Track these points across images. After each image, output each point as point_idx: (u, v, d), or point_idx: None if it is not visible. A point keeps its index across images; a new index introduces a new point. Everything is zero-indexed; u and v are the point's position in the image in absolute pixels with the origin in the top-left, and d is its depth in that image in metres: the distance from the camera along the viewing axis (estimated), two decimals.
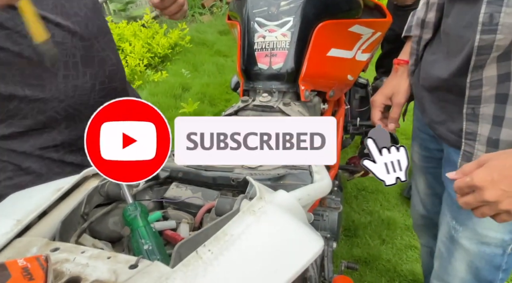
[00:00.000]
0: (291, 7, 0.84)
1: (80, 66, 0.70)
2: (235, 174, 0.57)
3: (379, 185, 1.85)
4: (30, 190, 0.47)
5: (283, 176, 0.58)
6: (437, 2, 0.66)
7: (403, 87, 0.78)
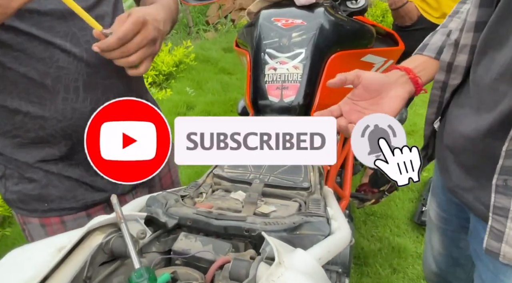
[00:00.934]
0: (303, 38, 0.81)
1: (81, 91, 0.71)
2: (248, 224, 0.53)
3: (388, 209, 1.80)
4: (30, 247, 0.44)
5: (300, 225, 0.54)
6: (470, 44, 0.57)
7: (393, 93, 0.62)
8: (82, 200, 0.78)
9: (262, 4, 0.92)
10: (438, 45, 0.65)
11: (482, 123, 0.53)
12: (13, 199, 0.78)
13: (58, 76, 0.69)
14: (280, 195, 0.66)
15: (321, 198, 0.65)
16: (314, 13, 0.85)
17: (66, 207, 0.77)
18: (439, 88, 0.65)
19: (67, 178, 0.77)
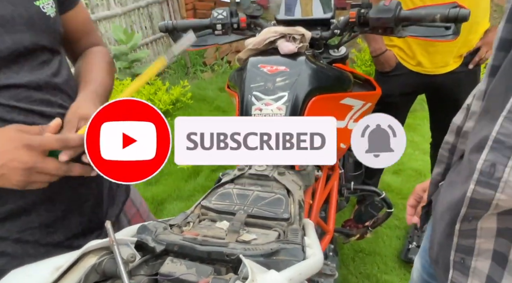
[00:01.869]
0: (286, 83, 0.90)
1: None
2: (229, 249, 0.58)
3: (376, 246, 1.83)
4: (30, 267, 0.49)
5: (276, 251, 0.59)
6: (478, 112, 0.52)
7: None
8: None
9: (251, 52, 1.02)
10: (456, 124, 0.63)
11: (455, 196, 0.52)
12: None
13: None
14: (261, 224, 0.71)
15: (299, 228, 0.71)
16: (297, 61, 0.95)
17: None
18: (447, 150, 0.63)
19: (44, 245, 0.75)
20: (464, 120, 0.59)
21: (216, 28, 1.19)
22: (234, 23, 1.19)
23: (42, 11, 0.71)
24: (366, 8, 1.06)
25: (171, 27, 1.21)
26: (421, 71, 1.58)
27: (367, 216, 1.29)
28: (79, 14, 0.85)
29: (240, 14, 1.20)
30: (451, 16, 0.95)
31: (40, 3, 0.71)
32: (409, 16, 1.01)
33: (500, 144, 0.40)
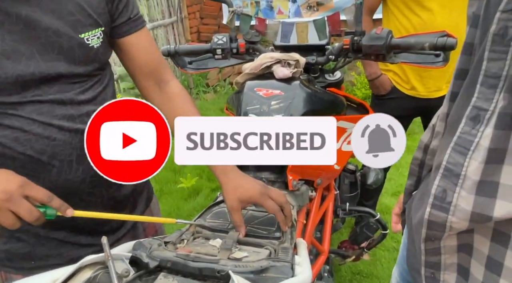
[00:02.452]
0: (281, 106, 0.94)
1: (74, 163, 0.74)
2: (220, 266, 0.60)
3: (374, 269, 1.82)
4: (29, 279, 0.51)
5: (266, 268, 0.61)
6: (442, 132, 0.59)
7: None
8: (68, 256, 0.81)
9: (248, 76, 1.06)
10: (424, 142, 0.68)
11: (423, 212, 0.54)
12: (0, 258, 0.80)
13: (54, 152, 0.72)
14: (253, 243, 0.73)
15: (290, 246, 0.73)
16: (291, 85, 0.99)
17: (52, 263, 0.79)
18: (417, 165, 0.69)
19: (53, 239, 0.80)
20: (431, 139, 0.63)
21: (216, 52, 1.24)
22: (234, 48, 1.24)
23: (85, 43, 0.72)
24: (359, 36, 1.11)
25: (173, 52, 1.27)
26: (416, 95, 1.62)
27: (363, 237, 1.30)
28: (141, 41, 0.84)
29: (239, 40, 1.26)
30: (439, 45, 0.99)
31: (86, 35, 0.72)
32: (399, 44, 1.06)
33: (449, 171, 0.44)
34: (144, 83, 0.87)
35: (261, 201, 0.75)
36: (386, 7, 1.60)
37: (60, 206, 0.64)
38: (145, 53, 0.85)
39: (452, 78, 0.56)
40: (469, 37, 0.52)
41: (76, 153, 0.74)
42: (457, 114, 0.49)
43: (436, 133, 0.61)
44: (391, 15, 1.56)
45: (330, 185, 1.25)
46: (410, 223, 0.66)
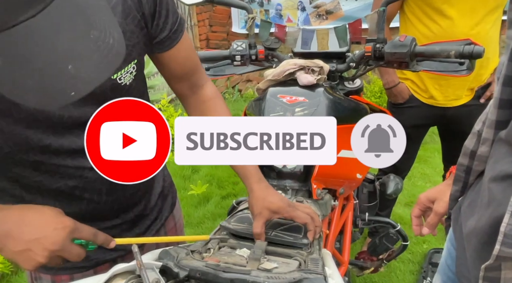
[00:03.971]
0: (305, 113, 0.93)
1: (104, 195, 0.75)
2: (252, 277, 0.58)
3: (389, 281, 1.79)
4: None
5: (299, 280, 0.59)
6: (491, 139, 0.59)
7: (447, 196, 0.74)
8: (95, 259, 0.81)
9: (270, 82, 1.05)
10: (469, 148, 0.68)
11: (478, 221, 0.56)
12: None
13: (85, 188, 0.73)
14: (281, 253, 0.71)
15: (319, 258, 0.71)
16: (315, 92, 0.97)
17: (79, 266, 0.79)
18: (463, 171, 0.68)
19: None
20: (477, 145, 0.64)
21: (235, 59, 1.23)
22: (253, 54, 1.23)
23: (117, 83, 0.68)
24: (381, 43, 1.10)
25: None
26: (434, 104, 1.60)
27: (382, 248, 1.28)
28: (181, 52, 0.79)
29: (258, 46, 1.25)
30: (466, 53, 0.98)
31: (118, 75, 0.67)
32: (423, 52, 1.05)
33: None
34: (178, 86, 0.85)
35: (290, 212, 0.74)
36: (403, 15, 1.59)
37: (104, 241, 0.64)
38: (183, 63, 0.82)
39: (499, 85, 0.54)
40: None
41: (106, 187, 0.74)
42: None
43: (484, 139, 0.61)
44: (409, 23, 1.55)
45: (350, 195, 1.23)
46: (459, 230, 0.66)
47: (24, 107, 0.60)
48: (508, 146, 0.54)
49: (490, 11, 1.44)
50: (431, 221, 0.78)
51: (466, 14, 1.44)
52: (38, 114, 0.62)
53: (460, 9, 1.44)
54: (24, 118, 0.62)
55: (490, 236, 0.53)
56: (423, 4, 1.48)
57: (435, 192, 0.79)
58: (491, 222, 0.53)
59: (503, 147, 0.56)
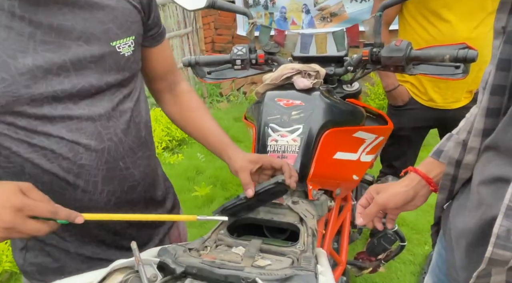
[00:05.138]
0: (301, 116, 0.95)
1: (99, 184, 0.75)
2: (245, 273, 0.61)
3: (390, 282, 1.80)
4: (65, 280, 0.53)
5: (290, 277, 0.62)
6: (478, 148, 0.61)
7: (390, 190, 0.76)
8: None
9: (268, 86, 1.08)
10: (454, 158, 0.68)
11: (468, 223, 0.58)
12: (31, 271, 0.82)
13: (80, 172, 0.72)
14: (275, 251, 0.74)
15: (312, 256, 0.73)
16: (311, 96, 1.00)
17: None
18: (449, 180, 0.69)
19: (82, 254, 0.81)
20: (462, 154, 0.64)
21: (236, 63, 1.26)
22: (253, 59, 1.26)
23: (116, 51, 0.73)
24: (378, 47, 1.12)
25: (194, 62, 1.30)
26: (433, 106, 1.62)
27: (380, 248, 1.30)
28: (163, 53, 0.90)
29: (258, 51, 1.28)
30: (460, 57, 1.00)
31: (117, 43, 0.73)
32: (419, 55, 1.07)
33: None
34: (158, 85, 0.95)
35: (269, 159, 0.84)
36: (403, 18, 1.61)
37: (68, 217, 0.63)
38: (166, 60, 0.93)
39: (486, 94, 0.55)
40: (504, 53, 0.53)
41: (102, 174, 0.74)
42: (505, 138, 0.49)
43: (470, 148, 0.62)
44: (408, 26, 1.57)
45: (348, 196, 1.26)
46: (449, 233, 0.66)
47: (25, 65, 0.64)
48: (494, 151, 0.56)
49: (489, 15, 1.45)
50: (368, 211, 0.77)
51: (465, 17, 1.46)
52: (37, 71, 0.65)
53: (459, 13, 1.46)
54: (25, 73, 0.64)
55: (479, 237, 0.55)
56: (422, 8, 1.50)
57: (383, 185, 0.79)
58: (481, 224, 0.54)
59: (490, 152, 0.57)
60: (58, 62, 0.67)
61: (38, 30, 0.65)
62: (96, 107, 0.72)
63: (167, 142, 3.14)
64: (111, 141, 0.74)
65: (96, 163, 0.73)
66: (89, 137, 0.72)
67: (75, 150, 0.71)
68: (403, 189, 0.75)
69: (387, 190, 0.77)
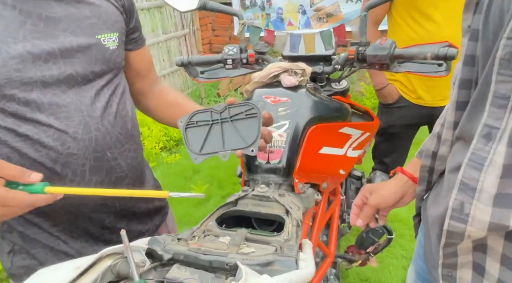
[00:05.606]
0: (287, 112, 0.99)
1: (87, 174, 0.76)
2: (229, 259, 0.64)
3: (382, 276, 1.84)
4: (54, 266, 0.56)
5: (271, 262, 0.65)
6: (450, 139, 0.64)
7: (381, 192, 0.81)
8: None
9: (257, 84, 1.12)
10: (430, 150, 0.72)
11: (440, 210, 0.60)
12: (19, 274, 0.82)
13: (67, 161, 0.73)
14: (260, 240, 0.78)
15: (295, 244, 0.77)
16: (297, 93, 1.04)
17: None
18: (426, 172, 0.73)
19: (68, 254, 0.82)
20: (438, 146, 0.68)
21: (227, 63, 1.30)
22: (244, 58, 1.30)
23: (102, 44, 0.79)
24: (364, 46, 1.16)
25: (187, 62, 1.34)
26: (422, 104, 1.66)
27: (369, 242, 1.33)
28: (144, 55, 0.99)
29: (249, 50, 1.32)
30: (441, 55, 1.03)
31: (102, 37, 0.79)
32: (402, 54, 1.10)
33: (465, 186, 0.48)
34: (141, 84, 1.01)
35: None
36: (391, 18, 1.65)
37: (37, 179, 0.60)
38: (148, 61, 1.01)
39: (456, 88, 0.59)
40: (469, 50, 0.57)
41: (90, 163, 0.76)
42: (467, 127, 0.53)
43: (444, 140, 0.66)
44: (397, 26, 1.61)
45: (337, 190, 1.29)
46: (426, 222, 0.70)
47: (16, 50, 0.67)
48: (462, 140, 0.59)
49: None
50: (365, 213, 0.82)
51: (452, 18, 1.50)
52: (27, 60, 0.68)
53: (446, 13, 1.50)
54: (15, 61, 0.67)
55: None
56: (410, 7, 1.54)
57: (375, 185, 0.83)
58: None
59: (459, 142, 0.61)
60: (47, 49, 0.71)
61: (28, 19, 0.69)
62: (83, 97, 0.75)
63: (164, 141, 3.18)
64: (98, 131, 0.76)
65: (84, 152, 0.75)
66: (77, 127, 0.73)
67: (63, 139, 0.72)
68: (393, 190, 0.81)
69: (379, 191, 0.82)
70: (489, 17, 0.50)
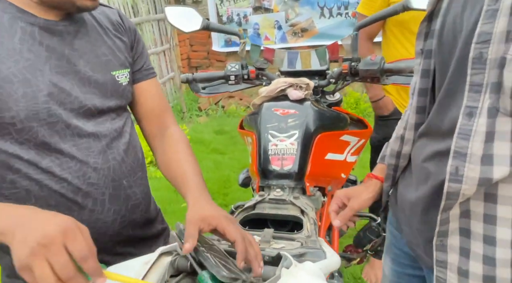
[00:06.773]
0: (296, 123, 1.10)
1: (107, 203, 0.79)
2: (267, 252, 0.73)
3: None
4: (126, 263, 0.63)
5: (304, 253, 0.75)
6: (412, 139, 0.77)
7: (363, 196, 0.89)
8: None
9: (264, 98, 1.22)
10: (395, 150, 0.83)
11: (419, 193, 0.70)
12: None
13: (88, 192, 0.76)
14: (286, 237, 0.87)
15: (317, 239, 0.87)
16: (303, 105, 1.15)
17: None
18: (392, 169, 0.84)
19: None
20: (401, 146, 0.80)
21: (230, 79, 1.40)
22: (245, 74, 1.40)
23: (116, 80, 0.83)
24: (356, 62, 1.29)
25: (191, 79, 1.42)
26: None
27: (366, 240, 1.44)
28: (153, 88, 0.95)
29: (249, 67, 1.42)
30: None
31: (116, 73, 0.84)
32: (391, 68, 1.24)
33: (458, 153, 0.60)
34: (149, 128, 0.94)
35: (222, 223, 0.67)
36: (385, 36, 1.75)
37: (93, 271, 0.50)
38: (152, 100, 0.93)
39: (415, 96, 0.73)
40: (425, 65, 0.70)
41: (109, 192, 0.79)
42: (437, 121, 0.66)
43: (407, 140, 0.78)
44: (390, 44, 1.73)
45: None
46: (401, 211, 0.80)
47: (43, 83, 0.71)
48: (427, 135, 0.72)
49: None
50: (345, 215, 0.90)
51: None
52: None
53: None
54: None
55: (432, 202, 0.66)
56: (401, 27, 1.67)
57: (352, 191, 0.92)
58: (432, 190, 0.67)
59: (423, 138, 0.73)
60: (69, 83, 0.76)
61: (53, 55, 0.75)
62: (101, 128, 0.80)
63: (151, 156, 3.20)
64: (115, 160, 0.81)
65: (103, 181, 0.78)
66: (96, 156, 0.77)
67: (84, 169, 0.76)
68: (371, 194, 0.90)
69: (361, 196, 0.91)
70: (442, 39, 0.64)
